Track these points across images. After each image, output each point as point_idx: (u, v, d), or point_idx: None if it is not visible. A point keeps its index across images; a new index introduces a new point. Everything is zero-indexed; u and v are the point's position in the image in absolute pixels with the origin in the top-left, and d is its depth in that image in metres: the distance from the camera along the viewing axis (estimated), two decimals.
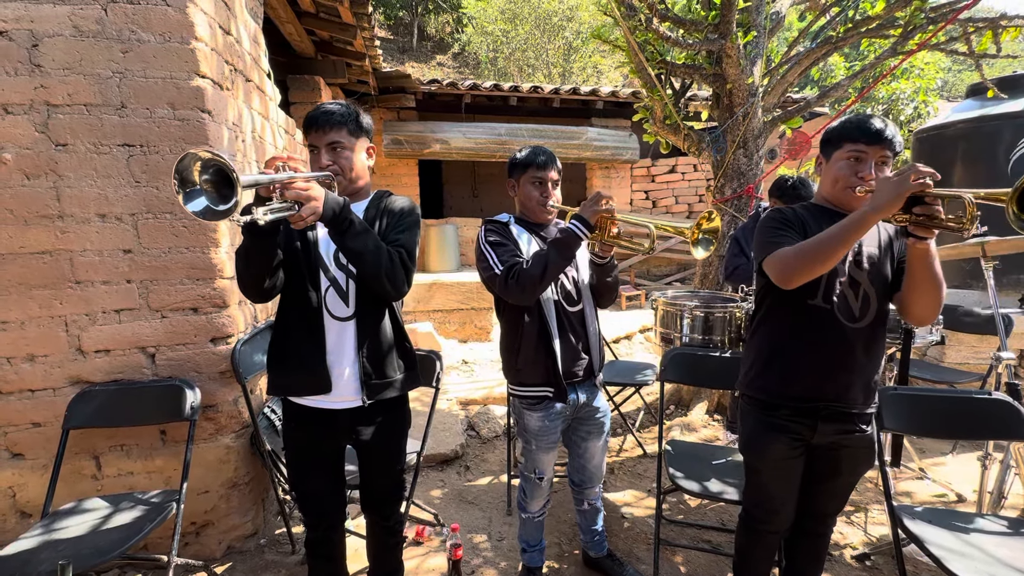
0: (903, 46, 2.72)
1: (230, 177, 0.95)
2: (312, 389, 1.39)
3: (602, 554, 1.94)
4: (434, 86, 5.58)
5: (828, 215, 1.40)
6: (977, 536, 1.55)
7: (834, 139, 1.39)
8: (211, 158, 0.96)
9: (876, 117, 1.36)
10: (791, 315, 1.39)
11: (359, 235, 1.26)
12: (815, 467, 1.45)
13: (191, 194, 0.98)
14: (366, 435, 1.45)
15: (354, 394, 1.40)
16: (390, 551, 1.61)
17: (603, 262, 1.58)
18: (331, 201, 1.20)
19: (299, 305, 1.39)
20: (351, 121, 1.37)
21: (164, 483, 1.99)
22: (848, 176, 1.35)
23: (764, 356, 1.45)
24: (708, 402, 3.53)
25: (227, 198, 0.97)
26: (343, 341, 1.39)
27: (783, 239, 1.35)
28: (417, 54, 15.37)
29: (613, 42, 3.14)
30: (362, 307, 1.39)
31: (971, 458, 2.88)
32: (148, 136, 1.84)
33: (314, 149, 1.37)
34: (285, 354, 1.41)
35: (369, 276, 1.31)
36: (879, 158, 1.32)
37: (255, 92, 2.45)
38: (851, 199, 1.36)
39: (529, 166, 1.64)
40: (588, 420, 1.74)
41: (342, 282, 1.39)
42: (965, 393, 1.75)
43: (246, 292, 1.35)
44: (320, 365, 1.37)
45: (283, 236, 1.33)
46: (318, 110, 1.36)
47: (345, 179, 1.39)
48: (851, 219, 1.19)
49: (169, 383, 1.89)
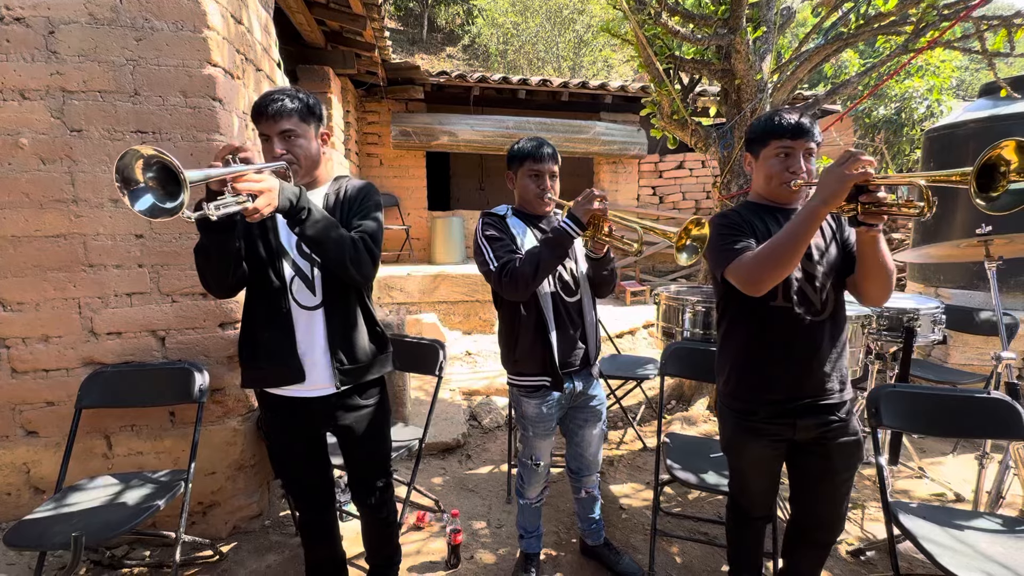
0: (915, 43, 2.69)
1: (176, 174, 0.92)
2: (286, 380, 1.38)
3: (599, 543, 1.97)
4: (443, 78, 5.59)
5: (768, 211, 1.45)
6: (971, 533, 1.57)
7: (758, 138, 1.41)
8: (153, 155, 0.92)
9: (790, 111, 1.39)
10: (756, 320, 1.41)
11: (318, 224, 1.22)
12: (808, 467, 1.45)
13: (136, 192, 0.94)
14: (344, 421, 1.45)
15: (328, 381, 1.39)
16: (385, 539, 1.64)
17: (598, 257, 1.60)
18: (286, 191, 1.15)
19: (265, 297, 1.36)
20: (302, 108, 1.32)
21: (173, 463, 2.04)
22: (781, 172, 1.37)
23: (738, 365, 1.46)
24: (709, 397, 3.55)
25: (175, 195, 0.94)
26: (313, 330, 1.37)
27: (737, 244, 1.36)
28: (427, 45, 15.33)
29: (622, 36, 3.14)
30: (329, 295, 1.37)
31: (971, 458, 2.88)
32: (160, 123, 1.87)
33: (266, 138, 1.32)
34: (255, 347, 1.38)
35: (333, 264, 1.28)
36: (805, 150, 1.36)
37: (265, 81, 2.48)
38: (787, 193, 1.40)
39: (527, 158, 1.64)
40: (584, 408, 1.76)
41: (307, 271, 1.37)
42: (964, 392, 1.76)
43: (210, 289, 1.34)
44: (291, 356, 1.36)
45: (242, 228, 1.28)
46: (267, 98, 1.30)
47: (301, 168, 1.34)
48: (803, 215, 1.21)
49: (179, 366, 1.93)
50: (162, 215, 0.95)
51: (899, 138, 6.22)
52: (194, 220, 1.05)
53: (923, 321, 2.11)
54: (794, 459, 1.47)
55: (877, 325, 2.17)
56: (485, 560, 2.05)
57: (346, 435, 1.48)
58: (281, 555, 2.05)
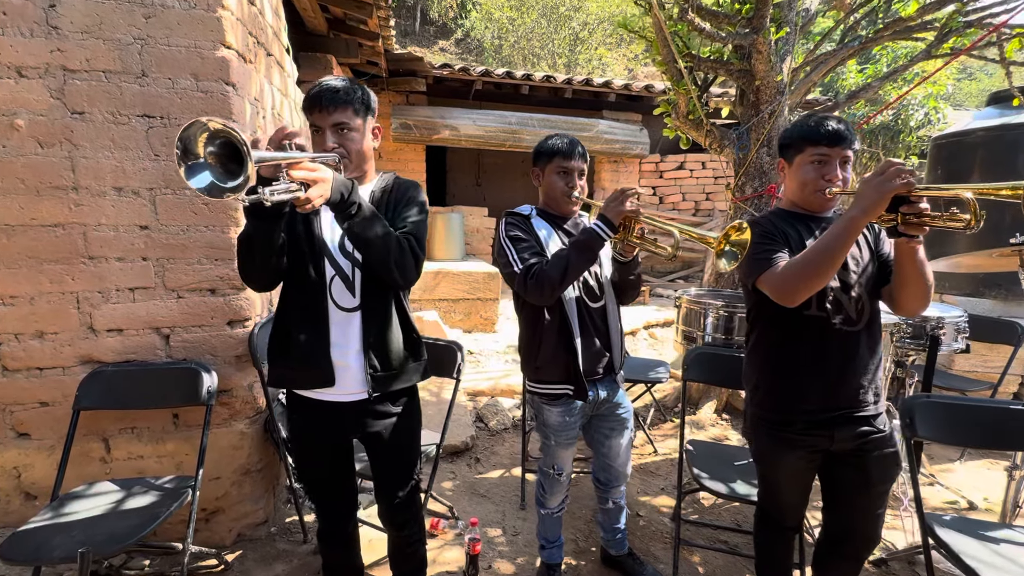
0: (937, 49, 2.68)
1: (240, 151, 0.86)
2: (315, 382, 1.32)
3: (623, 552, 1.92)
4: (446, 71, 5.47)
5: (800, 220, 1.41)
6: (1008, 547, 1.54)
7: (794, 143, 1.38)
8: (221, 129, 0.86)
9: (832, 118, 1.35)
10: (789, 329, 1.37)
11: (367, 220, 1.18)
12: (844, 478, 1.41)
13: (194, 168, 0.89)
14: (374, 429, 1.38)
15: (360, 387, 1.33)
16: (411, 556, 1.56)
17: (626, 260, 1.52)
18: (338, 184, 1.11)
19: (302, 295, 1.30)
20: (357, 100, 1.27)
21: (175, 468, 1.93)
22: (816, 179, 1.35)
23: (770, 374, 1.42)
24: (717, 401, 3.52)
25: (234, 174, 0.88)
26: (348, 333, 1.31)
27: (771, 254, 1.32)
28: (419, 38, 15.12)
29: (640, 32, 3.07)
30: (368, 297, 1.31)
31: (978, 465, 2.90)
32: (169, 107, 1.75)
33: (317, 130, 1.27)
34: (287, 346, 1.32)
35: (376, 264, 1.23)
36: (841, 158, 1.33)
37: (275, 67, 2.36)
38: (820, 201, 1.37)
39: (556, 155, 1.57)
40: (609, 417, 1.70)
41: (348, 271, 1.31)
42: (1000, 403, 1.74)
43: (248, 280, 1.28)
44: (324, 358, 1.30)
45: (286, 222, 1.23)
46: (321, 87, 1.25)
47: (351, 162, 1.29)
48: (841, 226, 1.17)
49: (185, 366, 1.82)
50: (219, 194, 0.90)
51: (896, 144, 6.29)
52: (247, 204, 1.00)
53: (947, 330, 2.09)
54: (829, 469, 1.43)
55: (902, 334, 2.15)
56: (503, 570, 1.98)
57: (375, 443, 1.41)
58: (289, 564, 1.96)
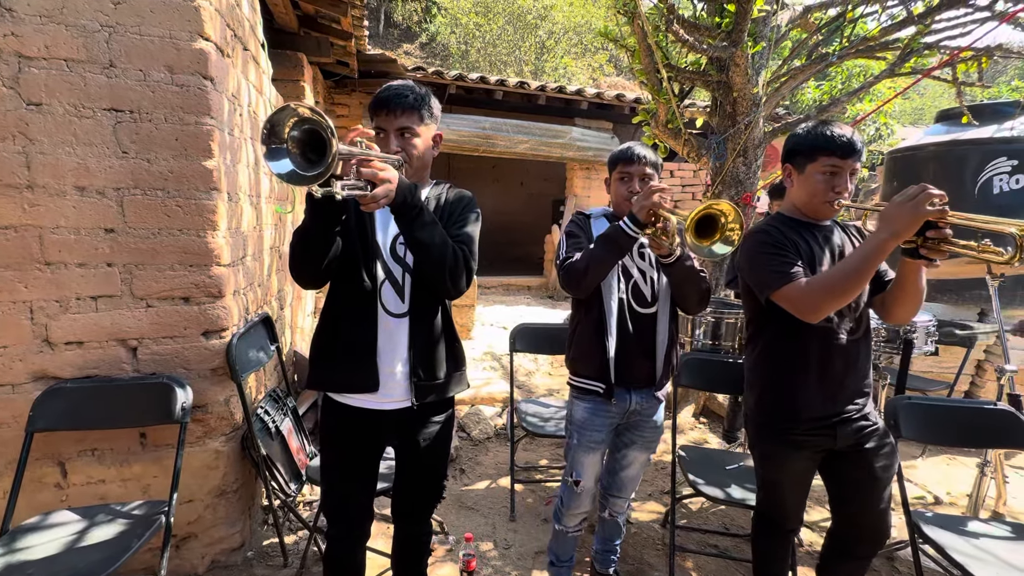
0: (900, 68, 2.84)
1: (323, 140, 0.88)
2: (358, 387, 1.30)
3: (607, 571, 1.88)
4: (419, 74, 5.38)
5: (805, 228, 1.44)
6: (987, 541, 1.62)
7: (806, 151, 1.38)
8: (309, 116, 0.88)
9: (843, 127, 1.37)
10: (796, 338, 1.39)
11: (427, 225, 1.18)
12: (846, 475, 1.45)
13: (275, 152, 0.90)
14: (412, 438, 1.35)
15: (403, 395, 1.31)
16: (416, 563, 1.50)
17: (666, 261, 1.47)
18: (403, 186, 1.12)
19: (352, 297, 1.29)
20: (424, 106, 1.29)
21: (142, 492, 1.78)
22: (826, 190, 1.37)
23: (774, 381, 1.45)
24: (695, 404, 3.59)
25: (314, 163, 0.90)
26: (395, 339, 1.30)
27: (790, 267, 1.33)
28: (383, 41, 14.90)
29: (621, 42, 3.11)
30: (417, 304, 1.31)
31: (938, 461, 3.06)
32: (140, 101, 1.62)
33: (380, 132, 1.28)
34: (332, 347, 1.31)
35: (431, 270, 1.23)
36: (851, 170, 1.36)
37: (251, 63, 2.24)
38: (827, 211, 1.40)
39: (618, 162, 1.61)
40: (636, 429, 1.67)
41: (399, 276, 1.31)
42: (974, 403, 1.83)
43: (298, 276, 1.26)
44: (369, 362, 1.28)
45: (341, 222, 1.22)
46: (389, 91, 1.28)
47: (411, 168, 1.30)
48: (870, 247, 1.19)
49: (155, 380, 1.68)
50: (298, 182, 0.91)
51: None
52: (320, 196, 1.02)
53: (919, 333, 2.20)
54: (831, 468, 1.46)
55: (878, 338, 2.24)
56: None
57: (410, 452, 1.38)
58: None
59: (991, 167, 3.47)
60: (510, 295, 7.01)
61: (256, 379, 2.17)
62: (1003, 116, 3.63)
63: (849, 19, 3.12)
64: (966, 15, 2.66)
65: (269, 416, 2.03)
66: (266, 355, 2.07)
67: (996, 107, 3.74)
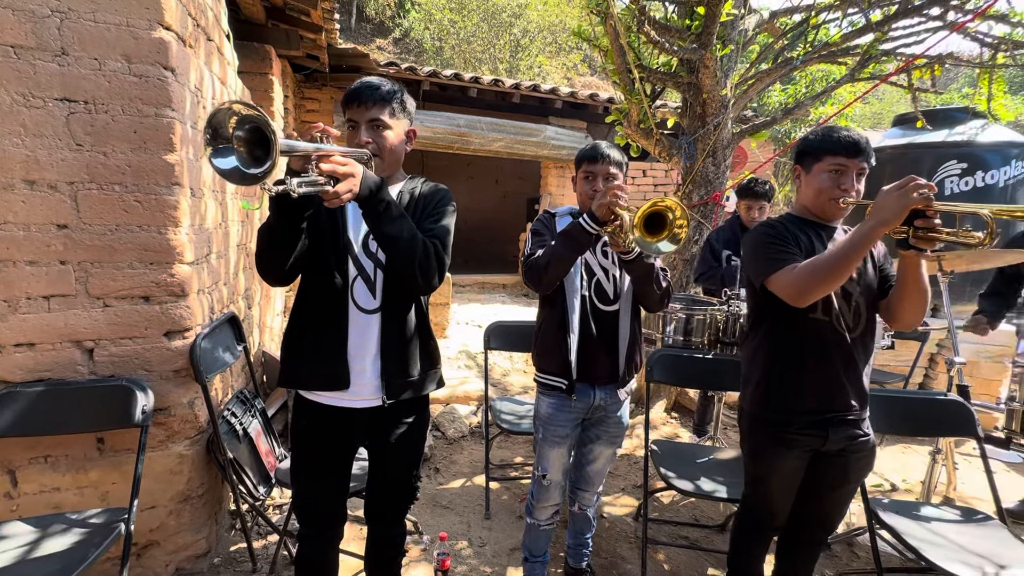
0: (859, 73, 2.95)
1: (267, 137, 0.85)
2: (329, 384, 1.28)
3: (579, 566, 1.90)
4: (392, 69, 5.31)
5: (812, 227, 1.47)
6: (939, 525, 1.70)
7: (813, 151, 1.42)
8: (250, 114, 0.86)
9: (852, 129, 1.40)
10: (794, 331, 1.42)
11: (395, 220, 1.17)
12: (823, 476, 1.48)
13: (222, 151, 0.88)
14: (384, 437, 1.34)
15: (374, 393, 1.29)
16: (390, 564, 1.48)
17: (626, 258, 1.49)
18: (368, 180, 1.10)
19: (322, 293, 1.27)
20: (396, 100, 1.28)
21: (100, 499, 1.71)
22: (831, 188, 1.39)
23: (771, 373, 1.46)
24: (667, 400, 3.65)
25: (260, 161, 0.88)
26: (367, 335, 1.28)
27: (785, 255, 1.37)
28: (355, 35, 14.62)
29: (594, 42, 3.14)
30: (389, 300, 1.29)
31: (896, 450, 3.20)
32: (96, 92, 1.55)
33: (352, 125, 1.28)
34: (302, 344, 1.29)
35: (401, 265, 1.21)
36: (858, 170, 1.38)
37: (215, 54, 2.17)
38: (833, 210, 1.42)
39: (583, 160, 1.63)
40: (600, 425, 1.69)
41: (370, 272, 1.29)
42: (927, 394, 1.92)
43: (265, 274, 1.25)
44: (340, 359, 1.26)
45: (310, 218, 1.20)
46: (362, 83, 1.27)
47: (383, 161, 1.28)
48: (858, 234, 1.22)
49: (114, 383, 1.61)
50: (242, 181, 0.89)
51: None
52: (274, 194, 0.98)
53: (877, 329, 2.28)
54: (812, 467, 1.49)
55: None
56: None
57: (382, 451, 1.37)
58: None
59: (943, 169, 3.65)
60: (485, 293, 7.00)
61: (222, 380, 2.10)
62: (954, 121, 3.82)
63: (813, 25, 3.23)
64: (920, 24, 2.79)
65: (236, 418, 1.98)
66: (232, 355, 2.01)
67: (948, 112, 3.94)
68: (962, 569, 1.44)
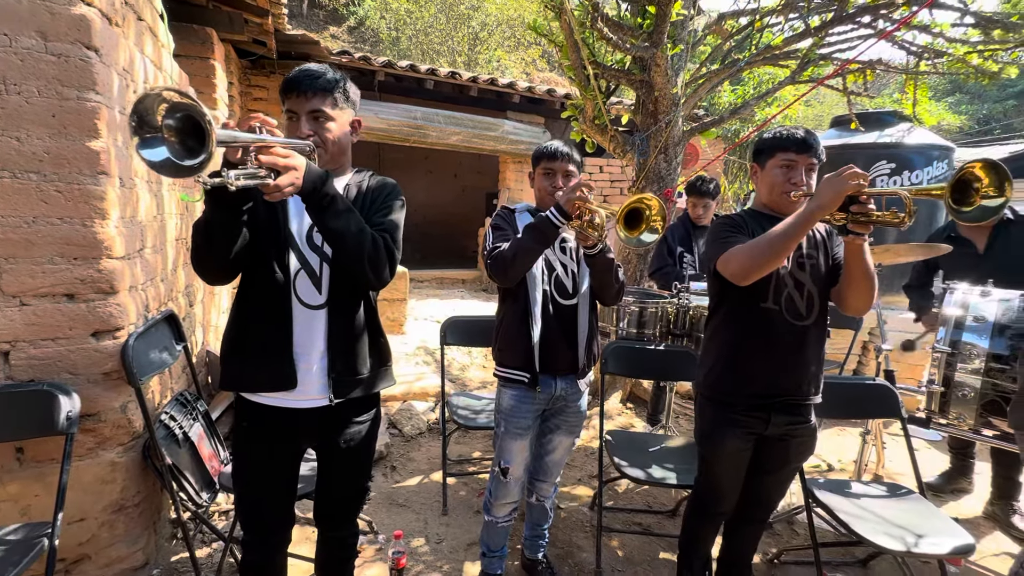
0: (799, 76, 3.09)
1: (202, 127, 0.80)
2: (274, 384, 1.22)
3: (535, 557, 1.92)
4: (344, 58, 5.14)
5: (769, 220, 1.52)
6: (867, 501, 1.83)
7: (766, 149, 1.52)
8: (181, 102, 0.81)
9: (801, 129, 1.50)
10: (746, 318, 1.50)
11: (341, 214, 1.13)
12: (765, 458, 1.56)
13: (150, 141, 0.83)
14: (332, 438, 1.30)
15: (320, 392, 1.24)
16: (342, 566, 1.45)
17: (590, 252, 1.53)
18: (312, 173, 1.06)
19: (264, 289, 1.21)
20: (338, 89, 1.22)
21: (20, 514, 1.58)
22: (783, 182, 1.49)
23: (724, 357, 1.54)
24: (622, 391, 3.74)
25: (194, 152, 0.82)
26: (312, 332, 1.23)
27: (733, 239, 1.45)
28: (307, 22, 14.07)
29: (549, 36, 3.15)
30: (336, 295, 1.25)
31: (832, 433, 3.40)
32: (6, 71, 1.42)
33: (292, 116, 1.21)
34: (244, 344, 1.23)
35: (349, 260, 1.17)
36: (807, 165, 1.48)
37: (147, 35, 2.03)
38: (787, 203, 1.50)
39: (543, 157, 1.65)
40: (560, 415, 1.72)
41: (315, 266, 1.24)
42: (858, 379, 2.05)
43: (202, 272, 1.18)
44: (285, 358, 1.21)
45: (248, 210, 1.14)
46: (300, 72, 1.20)
47: (327, 153, 1.23)
48: (797, 216, 1.30)
49: (33, 388, 1.49)
50: (175, 173, 0.85)
51: None
52: (209, 187, 0.93)
53: None
54: (756, 449, 1.56)
55: None
56: None
57: (331, 453, 1.32)
58: None
59: (874, 169, 3.89)
60: (444, 289, 6.93)
61: (160, 382, 1.99)
62: (885, 124, 4.08)
63: (757, 28, 3.36)
64: (852, 31, 2.95)
65: (175, 422, 1.87)
66: (171, 356, 1.90)
67: (879, 115, 4.20)
68: (885, 540, 1.55)
